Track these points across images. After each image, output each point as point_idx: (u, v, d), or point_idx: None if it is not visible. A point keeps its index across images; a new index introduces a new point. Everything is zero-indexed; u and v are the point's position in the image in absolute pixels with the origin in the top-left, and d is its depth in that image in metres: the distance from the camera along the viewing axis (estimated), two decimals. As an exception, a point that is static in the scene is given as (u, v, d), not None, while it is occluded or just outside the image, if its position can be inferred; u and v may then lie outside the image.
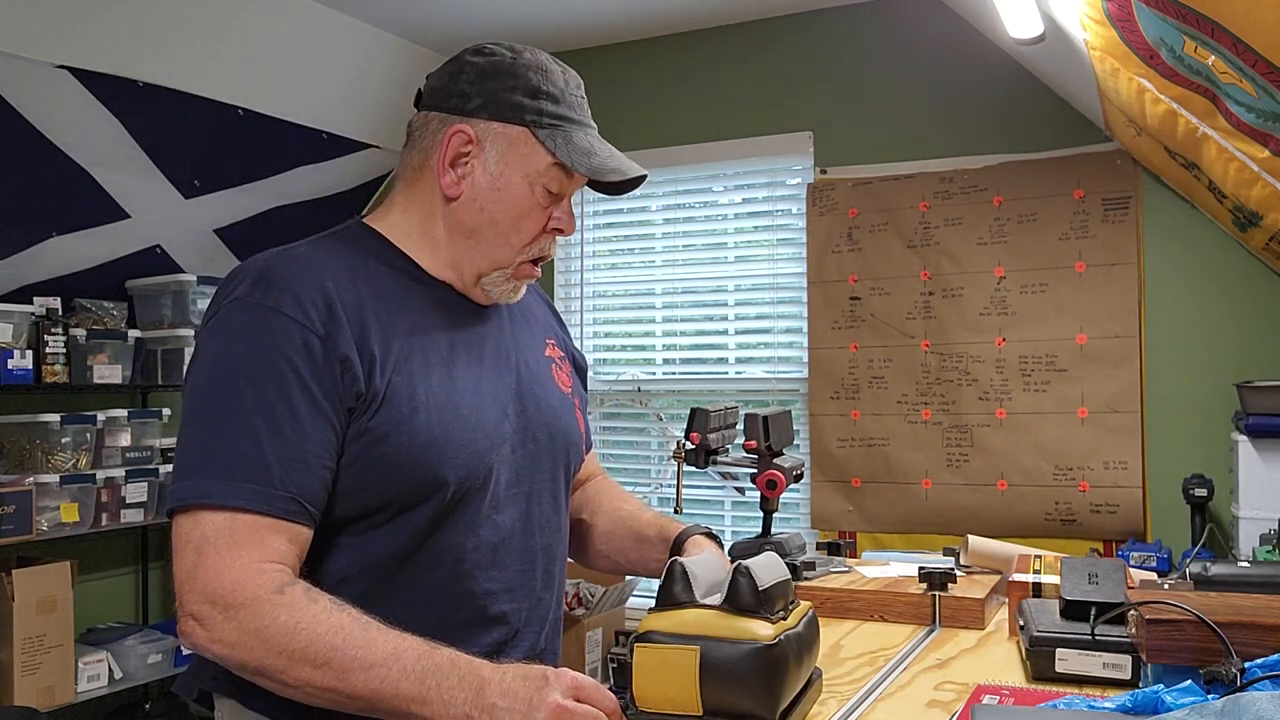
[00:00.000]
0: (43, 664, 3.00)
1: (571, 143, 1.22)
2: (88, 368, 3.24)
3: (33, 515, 2.98)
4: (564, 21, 3.44)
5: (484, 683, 0.98)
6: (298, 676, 1.01)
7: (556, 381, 1.37)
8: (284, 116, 3.46)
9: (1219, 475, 2.74)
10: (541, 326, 1.42)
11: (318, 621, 1.01)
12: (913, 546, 3.08)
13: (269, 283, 1.12)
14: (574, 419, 1.37)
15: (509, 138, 1.22)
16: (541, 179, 1.22)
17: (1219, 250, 2.91)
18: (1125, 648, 1.21)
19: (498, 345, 1.30)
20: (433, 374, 1.20)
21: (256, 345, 1.09)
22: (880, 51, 3.32)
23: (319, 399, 1.09)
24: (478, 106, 1.21)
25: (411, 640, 1.02)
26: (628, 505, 1.48)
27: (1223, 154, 1.98)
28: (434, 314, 1.24)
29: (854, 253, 3.33)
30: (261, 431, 1.06)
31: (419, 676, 0.99)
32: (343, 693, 1.00)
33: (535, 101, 1.21)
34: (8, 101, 2.80)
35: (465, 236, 1.24)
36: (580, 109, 1.25)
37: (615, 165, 1.23)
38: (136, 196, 3.30)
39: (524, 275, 1.28)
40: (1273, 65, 1.33)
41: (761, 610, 1.02)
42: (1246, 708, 0.81)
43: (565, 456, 1.34)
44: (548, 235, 1.26)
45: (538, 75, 1.22)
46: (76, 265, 3.34)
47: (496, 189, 1.22)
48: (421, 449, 1.14)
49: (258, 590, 1.02)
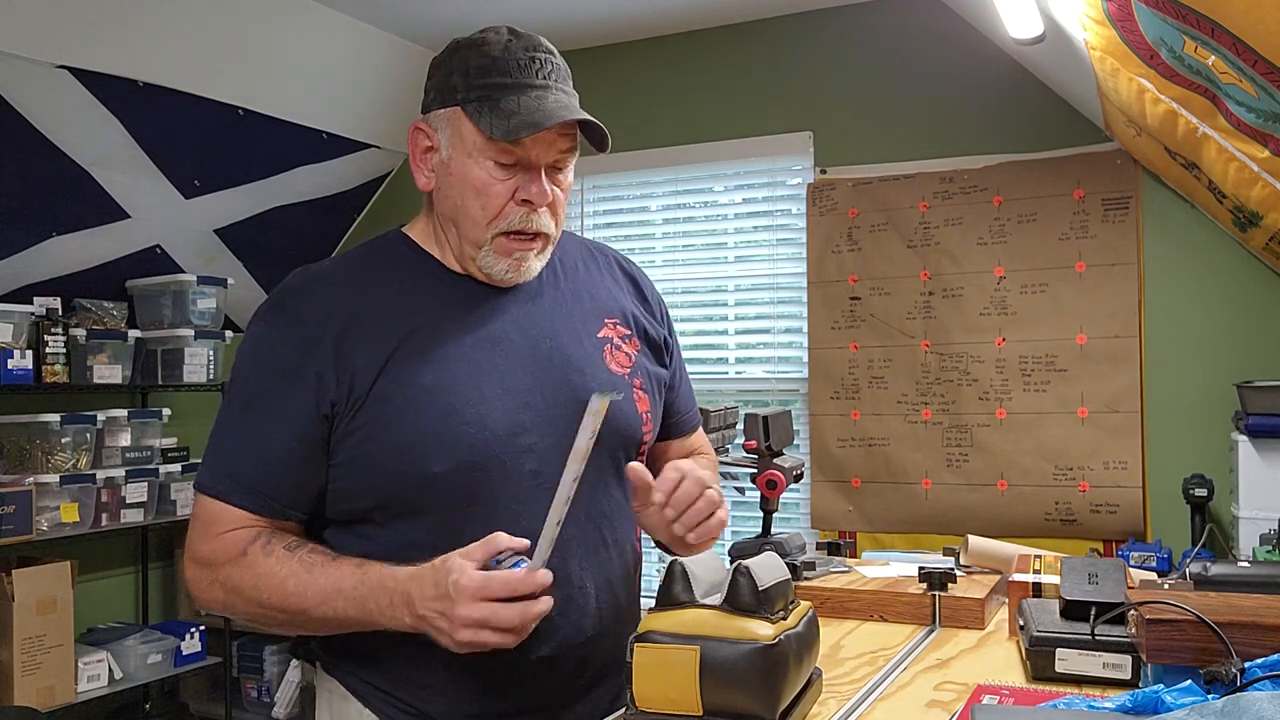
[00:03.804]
0: (43, 664, 3.00)
1: (496, 109, 1.19)
2: (88, 368, 3.24)
3: (33, 515, 2.98)
4: (564, 22, 3.44)
5: (410, 597, 1.10)
6: (273, 619, 1.20)
7: (608, 363, 1.34)
8: (284, 116, 3.46)
9: (1219, 475, 2.74)
10: (602, 306, 1.39)
11: (271, 574, 1.17)
12: (913, 546, 3.08)
13: (278, 302, 1.27)
14: (626, 403, 1.33)
15: (450, 121, 1.24)
16: (484, 153, 1.21)
17: (1219, 250, 2.91)
18: (1125, 648, 1.21)
19: (526, 334, 1.29)
20: (431, 371, 1.22)
21: (254, 359, 1.25)
22: (880, 51, 3.32)
23: (292, 408, 1.21)
24: (430, 100, 1.27)
25: (346, 569, 1.16)
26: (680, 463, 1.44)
27: (1223, 154, 1.98)
28: (452, 309, 1.27)
29: (854, 253, 3.33)
30: (241, 435, 1.23)
31: (359, 603, 1.14)
32: (311, 626, 1.20)
33: (466, 78, 1.22)
34: (8, 101, 2.81)
35: (449, 225, 1.28)
36: (521, 71, 1.21)
37: (534, 120, 1.18)
38: (136, 196, 3.30)
39: (509, 250, 1.25)
40: (1273, 65, 1.33)
41: (761, 610, 1.02)
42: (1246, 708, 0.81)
43: (614, 442, 1.30)
44: (518, 207, 1.23)
45: (472, 51, 1.23)
46: (76, 265, 3.34)
47: (450, 173, 1.24)
48: (405, 444, 1.20)
49: (225, 557, 1.20)
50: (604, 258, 1.46)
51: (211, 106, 3.24)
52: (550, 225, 1.27)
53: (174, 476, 3.46)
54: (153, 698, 3.63)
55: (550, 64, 1.25)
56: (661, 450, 1.48)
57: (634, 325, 1.41)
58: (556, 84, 1.24)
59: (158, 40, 2.98)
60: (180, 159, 3.31)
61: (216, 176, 3.46)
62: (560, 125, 1.20)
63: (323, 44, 3.38)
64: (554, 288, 1.35)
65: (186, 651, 3.47)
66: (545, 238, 1.28)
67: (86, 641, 3.30)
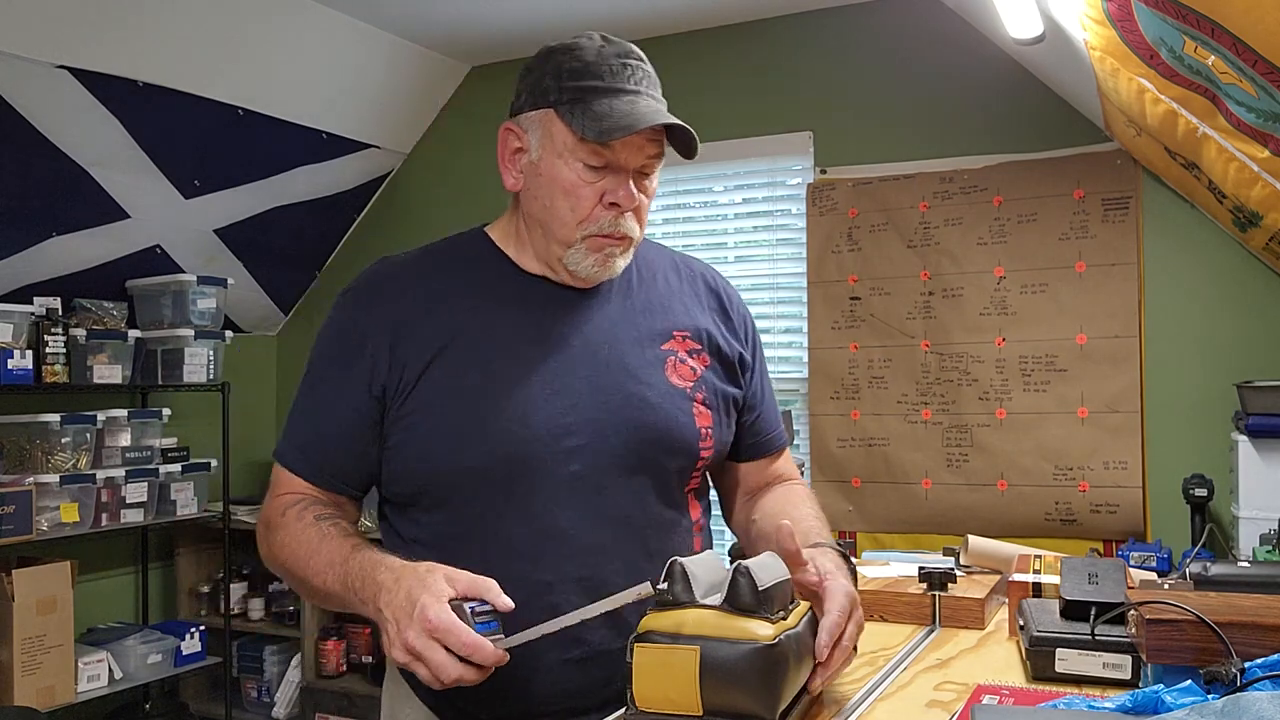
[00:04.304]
0: (43, 664, 3.00)
1: (589, 111, 1.21)
2: (88, 368, 3.24)
3: (33, 515, 2.98)
4: (564, 22, 3.44)
5: (380, 591, 1.11)
6: (294, 584, 1.26)
7: (668, 375, 1.33)
8: (284, 116, 3.46)
9: (1219, 475, 2.74)
10: (673, 318, 1.38)
11: (295, 539, 1.24)
12: (913, 546, 3.08)
13: (354, 287, 1.34)
14: (684, 416, 1.32)
15: (541, 122, 1.26)
16: (575, 154, 1.23)
17: (1219, 250, 2.91)
18: (1125, 648, 1.21)
19: (586, 339, 1.30)
20: (480, 365, 1.26)
21: (324, 338, 1.33)
22: (880, 51, 3.32)
23: (347, 383, 1.28)
24: (521, 102, 1.29)
25: (345, 546, 1.19)
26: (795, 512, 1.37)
27: (1223, 154, 1.98)
28: (515, 308, 1.30)
29: (854, 253, 3.33)
30: (306, 409, 1.32)
31: (344, 580, 1.16)
32: (315, 597, 1.24)
33: (559, 81, 1.24)
34: (8, 101, 2.81)
35: (535, 226, 1.30)
36: (613, 76, 1.24)
37: (626, 123, 1.20)
38: (136, 196, 3.30)
39: (600, 247, 1.27)
40: (1273, 65, 1.33)
41: (761, 610, 1.02)
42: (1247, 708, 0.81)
43: (664, 453, 1.30)
44: (606, 210, 1.25)
45: (566, 56, 1.25)
46: (76, 265, 3.34)
47: (539, 174, 1.26)
48: (443, 434, 1.24)
49: (274, 518, 1.28)
50: (689, 271, 1.46)
51: (211, 106, 3.24)
52: (635, 229, 1.29)
53: (174, 476, 3.47)
54: (153, 698, 3.63)
55: (641, 70, 1.27)
56: (744, 472, 1.47)
57: (705, 341, 1.39)
58: (647, 90, 1.26)
59: (158, 40, 2.98)
60: (180, 159, 3.31)
61: (216, 176, 3.46)
62: (649, 131, 1.23)
63: (323, 44, 3.38)
64: (625, 296, 1.36)
65: (186, 651, 3.47)
66: (631, 240, 1.29)
67: (86, 641, 3.31)
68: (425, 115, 3.99)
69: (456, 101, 3.99)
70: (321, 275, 4.20)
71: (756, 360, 1.46)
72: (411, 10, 3.34)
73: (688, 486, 1.37)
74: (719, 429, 1.37)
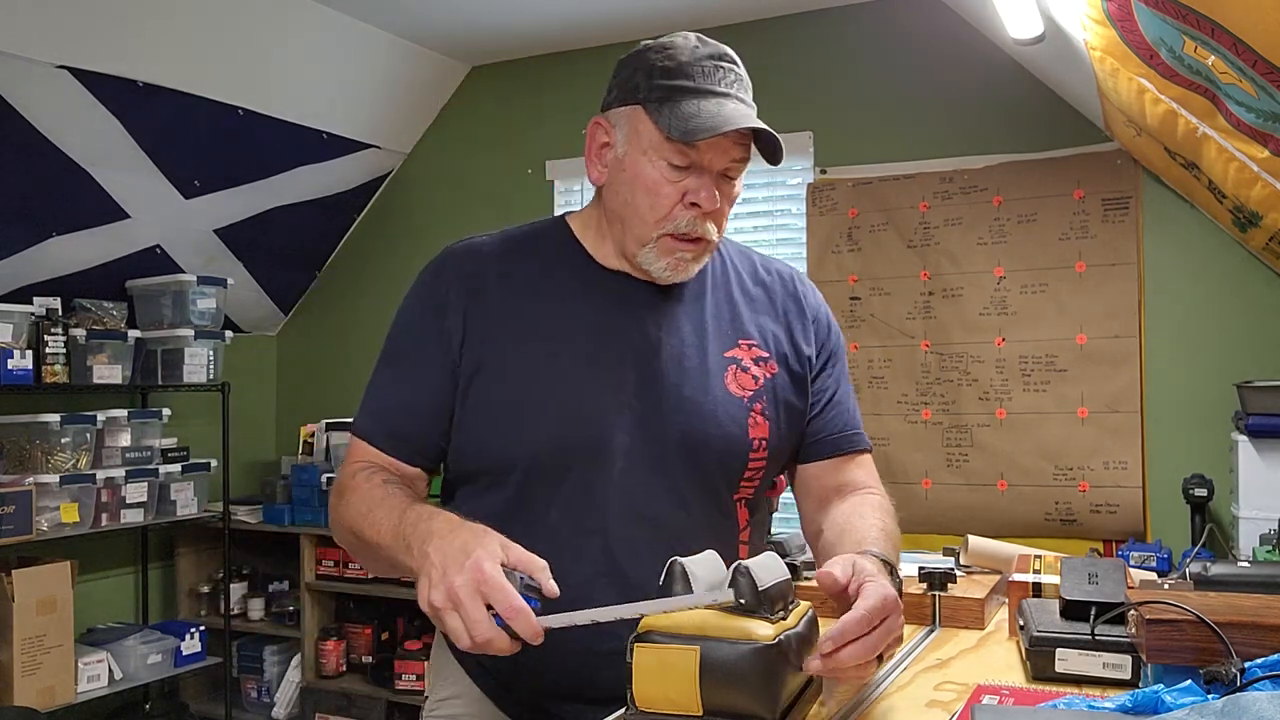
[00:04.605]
0: (43, 664, 3.00)
1: (676, 110, 1.22)
2: (88, 368, 3.24)
3: (33, 515, 2.98)
4: (563, 22, 3.44)
5: (432, 536, 1.09)
6: (351, 543, 1.27)
7: (727, 383, 1.32)
8: (284, 116, 3.46)
9: (1219, 475, 2.74)
10: (743, 325, 1.37)
11: (360, 499, 1.25)
12: (913, 546, 3.07)
13: (435, 262, 1.37)
14: (736, 426, 1.30)
15: (629, 118, 1.27)
16: (660, 152, 1.23)
17: (1219, 250, 2.91)
18: (1125, 648, 1.21)
19: (649, 338, 1.31)
20: (539, 355, 1.28)
21: (403, 313, 1.36)
22: (880, 51, 3.32)
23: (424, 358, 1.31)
24: (613, 98, 1.30)
25: (405, 502, 1.20)
26: (859, 523, 1.29)
27: (1223, 154, 1.97)
28: (586, 302, 1.32)
29: (854, 253, 3.33)
30: (382, 383, 1.35)
31: (397, 531, 1.16)
32: (368, 552, 1.23)
33: (650, 79, 1.25)
34: (8, 101, 2.81)
35: (615, 221, 1.31)
36: (704, 77, 1.24)
37: (712, 124, 1.20)
38: (136, 196, 3.30)
39: (672, 250, 1.27)
40: (1273, 65, 1.33)
41: (761, 610, 1.01)
42: (1247, 708, 0.81)
43: (710, 461, 1.29)
44: (686, 210, 1.25)
45: (658, 54, 1.26)
46: (76, 265, 3.34)
47: (623, 169, 1.27)
48: (495, 419, 1.27)
49: (345, 481, 1.30)
50: (768, 274, 1.44)
51: (211, 106, 3.24)
52: (712, 231, 1.28)
53: (174, 476, 3.47)
54: (153, 698, 3.63)
55: (734, 74, 1.28)
56: (807, 476, 1.41)
57: (774, 348, 1.37)
58: (737, 93, 1.27)
59: (158, 40, 2.98)
60: (180, 159, 3.31)
61: (216, 176, 3.46)
62: (735, 134, 1.23)
63: (323, 44, 3.38)
64: (697, 298, 1.35)
65: (186, 652, 3.47)
66: (708, 243, 1.29)
67: (86, 642, 3.30)
68: (425, 115, 3.99)
69: (456, 101, 3.99)
70: (321, 275, 4.20)
71: (828, 361, 1.42)
72: (411, 10, 3.34)
73: (737, 494, 1.34)
74: (776, 439, 1.34)
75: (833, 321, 1.46)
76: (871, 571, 1.08)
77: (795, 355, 1.38)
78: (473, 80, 3.95)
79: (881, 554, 1.16)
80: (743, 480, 1.34)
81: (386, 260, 4.07)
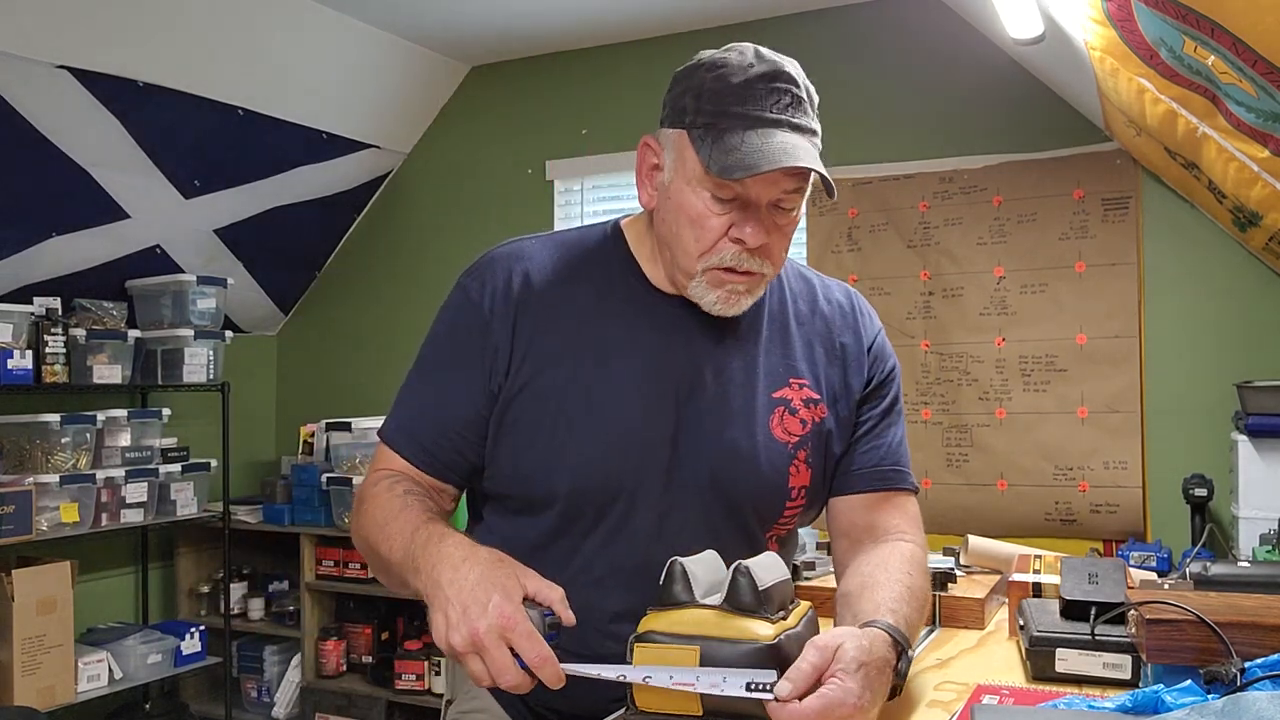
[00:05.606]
0: (43, 664, 3.00)
1: (719, 142, 1.14)
2: (88, 368, 3.24)
3: (33, 515, 2.98)
4: (563, 22, 3.44)
5: (442, 561, 1.06)
6: (368, 555, 1.24)
7: (772, 427, 1.26)
8: (284, 116, 3.46)
9: (1219, 475, 2.74)
10: (797, 363, 1.30)
11: (379, 508, 1.21)
12: (913, 546, 3.08)
13: (477, 267, 1.30)
14: (776, 474, 1.25)
15: (675, 143, 1.20)
16: (703, 184, 1.16)
17: (1219, 250, 2.91)
18: (1125, 648, 1.21)
19: (701, 372, 1.24)
20: (588, 386, 1.22)
21: (443, 319, 1.30)
22: (880, 51, 3.32)
23: (464, 371, 1.25)
24: (664, 116, 1.23)
25: (421, 518, 1.16)
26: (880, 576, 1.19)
27: (1222, 154, 1.97)
28: (638, 328, 1.25)
29: (854, 253, 3.33)
30: (416, 393, 1.30)
31: (407, 549, 1.12)
32: (382, 567, 1.20)
33: (698, 101, 1.17)
34: (8, 101, 2.81)
35: (665, 248, 1.24)
36: (756, 102, 1.15)
37: (750, 162, 1.12)
38: (136, 196, 3.30)
39: (722, 282, 1.20)
40: (1273, 65, 1.33)
41: (761, 610, 1.01)
42: (1247, 708, 0.81)
43: (745, 505, 1.25)
44: (730, 244, 1.17)
45: (711, 71, 1.17)
46: (76, 265, 3.34)
47: (669, 197, 1.21)
48: (538, 448, 1.22)
49: (364, 492, 1.27)
50: (830, 306, 1.37)
51: (211, 106, 3.24)
52: (765, 266, 1.21)
53: (174, 476, 3.47)
54: (153, 698, 3.63)
55: (790, 95, 1.20)
56: (837, 510, 1.34)
57: (826, 391, 1.30)
58: (792, 117, 1.19)
59: (158, 40, 2.98)
60: (180, 159, 3.31)
61: (216, 176, 3.46)
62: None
63: (323, 44, 3.38)
64: (751, 328, 1.29)
65: (186, 651, 3.47)
66: (762, 275, 1.22)
67: (86, 641, 3.30)
68: (425, 115, 3.99)
69: (456, 101, 3.99)
70: (321, 275, 4.20)
71: (875, 390, 1.34)
72: (411, 10, 3.34)
73: (769, 532, 1.30)
74: (816, 489, 1.29)
75: (889, 354, 1.39)
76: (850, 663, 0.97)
77: (846, 397, 1.32)
78: (473, 80, 3.95)
79: (892, 626, 1.07)
80: (778, 523, 1.30)
81: (386, 260, 4.07)
